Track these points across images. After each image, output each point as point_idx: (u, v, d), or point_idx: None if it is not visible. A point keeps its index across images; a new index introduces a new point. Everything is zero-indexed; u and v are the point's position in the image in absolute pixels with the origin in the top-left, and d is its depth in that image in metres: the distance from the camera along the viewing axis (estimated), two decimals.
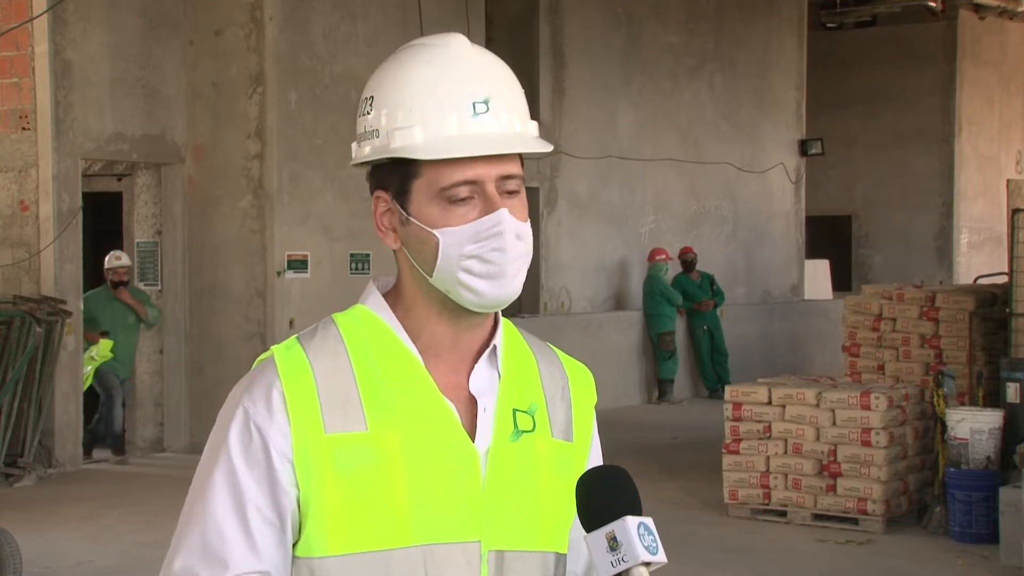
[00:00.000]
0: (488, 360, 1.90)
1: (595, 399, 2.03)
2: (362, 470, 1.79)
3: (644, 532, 1.74)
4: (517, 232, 1.83)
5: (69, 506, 9.90)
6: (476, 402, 1.87)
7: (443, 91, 1.82)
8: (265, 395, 1.81)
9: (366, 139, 1.88)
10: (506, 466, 1.87)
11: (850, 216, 22.76)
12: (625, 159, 16.34)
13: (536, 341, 2.01)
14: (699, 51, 17.55)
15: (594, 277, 16.06)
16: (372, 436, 1.80)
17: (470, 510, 1.83)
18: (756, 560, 8.35)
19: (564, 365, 2.01)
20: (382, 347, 1.86)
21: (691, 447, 12.27)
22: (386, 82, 1.87)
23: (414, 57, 1.87)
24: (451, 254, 1.81)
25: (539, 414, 1.92)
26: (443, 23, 13.18)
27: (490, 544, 1.84)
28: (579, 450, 1.98)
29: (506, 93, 1.86)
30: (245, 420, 1.81)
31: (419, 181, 1.83)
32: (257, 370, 1.86)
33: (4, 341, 10.72)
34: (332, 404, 1.80)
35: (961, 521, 8.50)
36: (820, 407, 9.04)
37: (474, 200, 1.82)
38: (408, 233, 1.85)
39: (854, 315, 11.30)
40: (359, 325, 1.88)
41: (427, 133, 1.81)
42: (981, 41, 22.47)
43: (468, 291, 1.82)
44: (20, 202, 11.57)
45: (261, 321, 12.07)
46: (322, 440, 1.79)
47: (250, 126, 12.15)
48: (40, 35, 11.33)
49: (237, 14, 12.18)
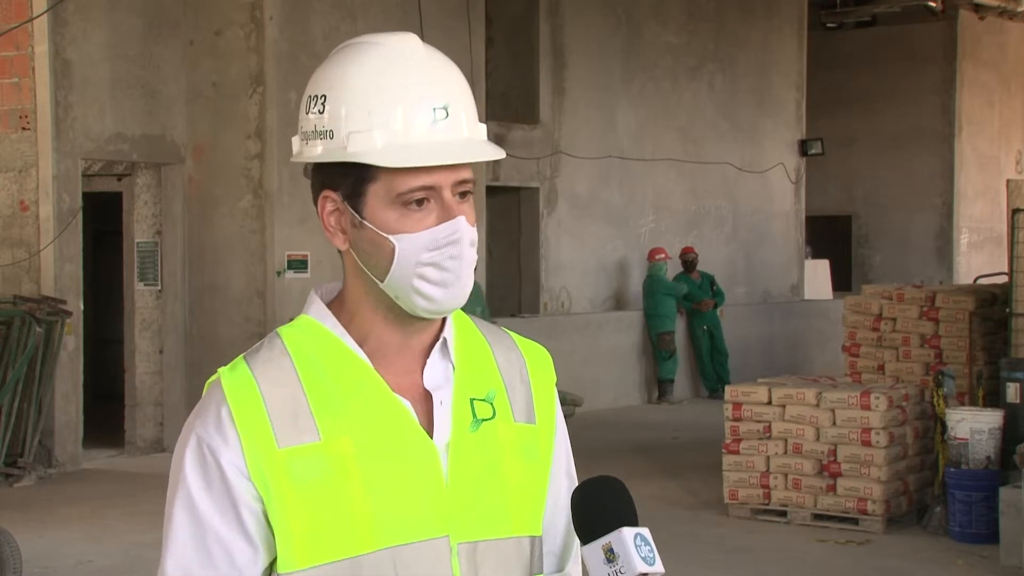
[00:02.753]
0: (440, 353, 1.89)
1: (555, 378, 2.02)
2: (320, 480, 1.78)
3: (641, 543, 1.74)
4: (471, 239, 1.82)
5: (69, 506, 9.90)
6: (432, 397, 1.86)
7: (402, 95, 1.80)
8: (215, 418, 1.80)
9: (317, 138, 1.85)
10: (468, 457, 1.86)
11: (850, 216, 22.76)
12: (625, 159, 16.34)
13: (489, 327, 2.00)
14: (699, 51, 17.55)
15: (594, 277, 16.06)
16: (326, 445, 1.79)
17: (434, 506, 1.82)
18: (756, 560, 8.35)
19: (520, 348, 2.00)
20: (329, 355, 1.84)
21: (691, 447, 12.27)
22: (340, 81, 1.84)
23: (369, 57, 1.84)
24: (407, 260, 1.80)
25: (499, 400, 1.91)
26: (443, 23, 13.19)
27: (459, 537, 1.84)
28: (543, 431, 1.97)
29: (462, 97, 1.84)
30: (198, 446, 1.81)
31: (375, 185, 1.80)
32: (206, 394, 1.85)
33: (4, 341, 10.72)
34: (282, 418, 1.79)
35: (961, 521, 8.50)
36: (820, 407, 9.04)
37: (430, 204, 1.80)
38: (360, 236, 1.83)
39: (854, 315, 11.29)
40: (304, 336, 1.87)
41: (387, 139, 1.79)
42: (981, 41, 22.47)
43: (422, 298, 1.81)
44: (20, 202, 11.58)
45: (261, 321, 12.07)
46: (276, 455, 1.77)
47: (250, 126, 12.15)
48: (40, 35, 11.33)
49: (237, 14, 12.18)
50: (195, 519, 1.79)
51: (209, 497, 1.79)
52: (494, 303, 14.77)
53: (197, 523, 1.79)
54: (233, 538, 1.78)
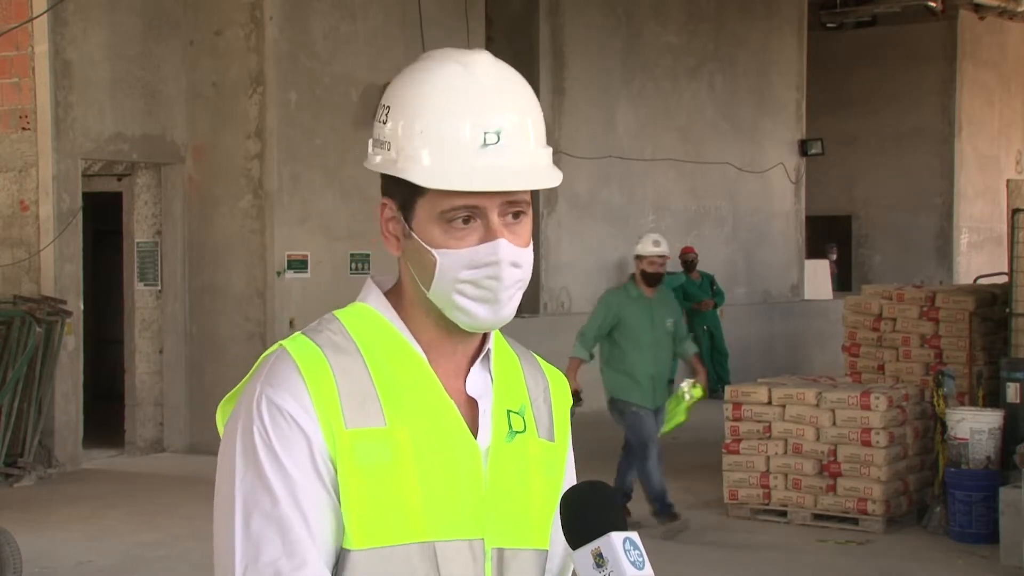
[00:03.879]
0: (482, 364, 1.93)
1: (571, 403, 2.07)
2: (380, 465, 1.79)
3: (630, 547, 1.75)
4: (514, 260, 1.83)
5: (69, 506, 9.90)
6: (473, 404, 1.90)
7: (456, 118, 1.82)
8: (288, 385, 1.79)
9: (379, 148, 1.88)
10: (504, 465, 1.89)
11: (850, 216, 22.76)
12: (625, 159, 16.34)
13: (517, 346, 2.04)
14: (699, 51, 17.55)
15: (594, 277, 16.05)
16: (390, 432, 1.81)
17: (474, 507, 1.85)
18: (756, 560, 8.35)
19: (544, 370, 2.05)
20: (388, 345, 1.87)
21: (691, 447, 12.25)
22: (404, 94, 1.86)
23: (434, 73, 1.85)
24: (447, 276, 1.82)
25: (526, 415, 1.96)
26: (443, 23, 13.19)
27: (492, 541, 1.87)
28: (560, 450, 2.01)
29: (522, 123, 1.85)
30: (276, 410, 1.78)
31: (423, 200, 1.83)
32: (271, 363, 1.83)
33: (4, 341, 10.72)
34: (351, 399, 1.80)
35: (961, 521, 8.50)
36: (820, 407, 9.04)
37: (476, 222, 1.82)
38: (409, 246, 1.87)
39: (854, 315, 11.29)
40: (363, 322, 1.89)
41: (434, 159, 1.81)
42: (981, 41, 22.47)
43: (461, 312, 1.84)
44: (20, 202, 11.57)
45: (261, 321, 12.07)
46: (343, 434, 1.79)
47: (250, 126, 12.14)
48: (40, 35, 11.33)
49: (237, 14, 12.18)
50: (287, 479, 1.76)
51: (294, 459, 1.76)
52: None
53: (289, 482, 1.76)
54: (323, 497, 1.77)
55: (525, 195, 1.86)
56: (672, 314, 9.00)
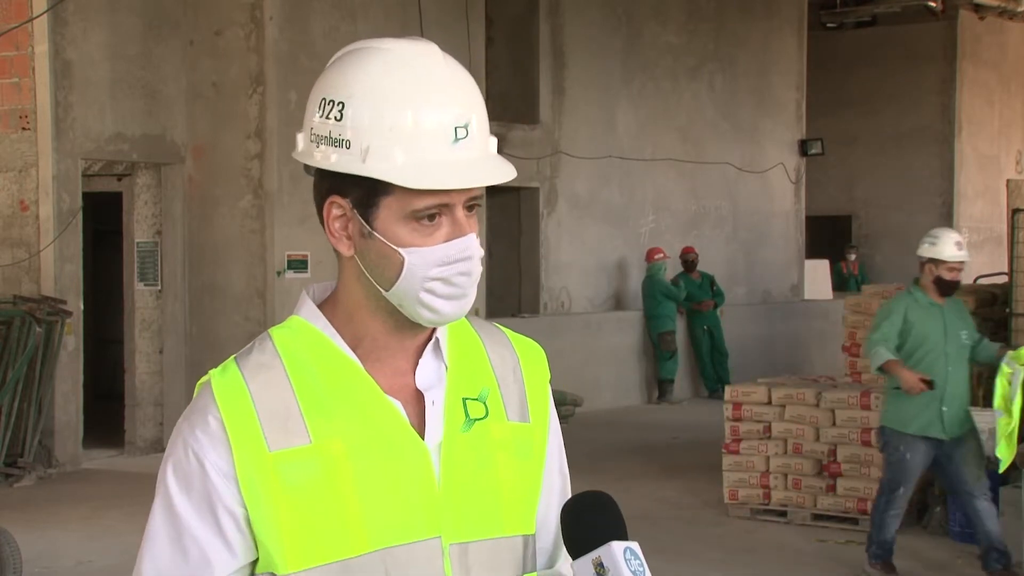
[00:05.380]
0: (433, 352, 1.89)
1: (548, 376, 2.02)
2: (310, 483, 1.78)
3: (631, 557, 1.74)
4: (480, 255, 1.83)
5: (69, 506, 9.90)
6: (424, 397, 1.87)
7: (425, 114, 1.78)
8: (202, 422, 1.80)
9: (331, 145, 1.81)
10: (460, 457, 1.86)
11: (850, 216, 22.76)
12: (625, 159, 16.34)
13: (484, 324, 2.00)
14: (699, 51, 17.55)
15: (594, 277, 16.06)
16: (316, 448, 1.79)
17: (426, 507, 1.82)
18: (756, 560, 8.35)
19: (514, 345, 1.99)
20: (320, 357, 1.84)
21: (691, 447, 12.27)
22: (360, 91, 1.79)
23: (390, 68, 1.80)
24: (416, 274, 1.79)
25: (492, 399, 1.91)
26: (443, 23, 13.19)
27: (451, 538, 1.84)
28: (537, 429, 1.97)
29: (480, 112, 1.83)
30: (184, 448, 1.80)
31: (389, 199, 1.78)
32: (197, 397, 1.84)
33: (4, 341, 10.72)
34: (272, 421, 1.79)
35: (961, 521, 8.49)
36: (820, 407, 9.05)
37: (441, 219, 1.80)
38: (368, 246, 1.82)
39: (854, 315, 11.28)
40: (294, 337, 1.86)
41: (408, 157, 1.76)
42: (981, 41, 22.47)
43: (427, 310, 1.81)
44: (20, 202, 11.58)
45: (261, 321, 12.07)
46: (266, 459, 1.77)
47: (250, 126, 12.15)
48: (40, 35, 11.33)
49: (237, 14, 12.18)
50: (173, 518, 1.80)
51: (188, 499, 1.79)
52: (494, 303, 14.78)
53: (174, 522, 1.80)
54: (210, 539, 1.78)
55: (483, 188, 1.84)
56: (967, 326, 7.74)
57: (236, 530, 1.78)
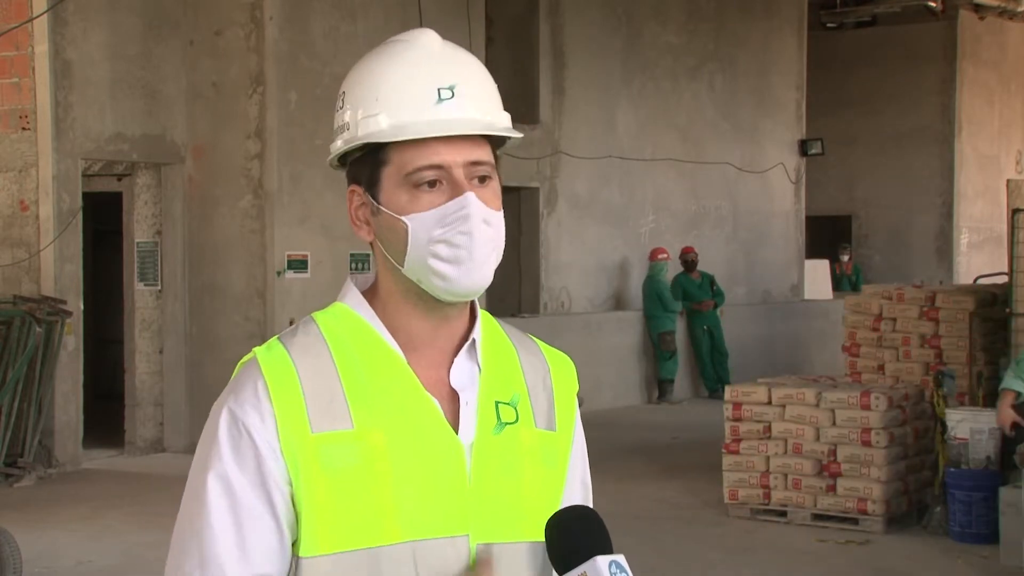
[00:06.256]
0: (468, 354, 1.90)
1: (576, 387, 2.04)
2: (349, 468, 1.79)
3: (616, 570, 1.74)
4: (485, 217, 1.83)
5: (69, 506, 9.90)
6: (458, 396, 1.88)
7: (409, 79, 1.84)
8: (251, 396, 1.80)
9: (339, 134, 1.90)
10: (490, 459, 1.87)
11: (850, 216, 22.76)
12: (625, 159, 16.34)
13: (516, 333, 2.01)
14: (699, 51, 17.55)
15: (594, 277, 16.06)
16: (358, 434, 1.80)
17: (457, 504, 1.84)
18: (756, 560, 8.35)
19: (545, 355, 2.01)
20: (363, 345, 1.86)
21: (691, 447, 12.27)
22: (357, 77, 1.89)
23: (385, 52, 1.89)
24: (420, 239, 1.82)
25: (522, 405, 1.93)
26: (443, 23, 13.18)
27: (478, 537, 1.85)
28: (563, 438, 1.98)
29: (474, 83, 1.87)
30: (233, 421, 1.80)
31: (388, 169, 1.84)
32: (241, 372, 1.85)
33: (4, 341, 10.72)
34: (317, 403, 1.80)
35: (961, 521, 8.49)
36: (820, 407, 9.04)
37: (442, 185, 1.82)
38: (380, 223, 1.87)
39: (854, 315, 11.29)
40: (339, 323, 1.88)
41: (392, 119, 1.82)
42: (981, 41, 22.47)
43: (437, 277, 1.82)
44: (20, 202, 11.58)
45: (261, 321, 12.07)
46: (308, 440, 1.79)
47: (250, 126, 12.15)
48: (40, 35, 11.33)
49: (237, 14, 12.18)
50: (229, 492, 1.79)
51: (242, 472, 1.79)
52: (494, 303, 14.77)
53: (231, 495, 1.79)
54: (263, 513, 1.79)
55: (488, 159, 1.86)
56: None
57: (284, 507, 1.79)
